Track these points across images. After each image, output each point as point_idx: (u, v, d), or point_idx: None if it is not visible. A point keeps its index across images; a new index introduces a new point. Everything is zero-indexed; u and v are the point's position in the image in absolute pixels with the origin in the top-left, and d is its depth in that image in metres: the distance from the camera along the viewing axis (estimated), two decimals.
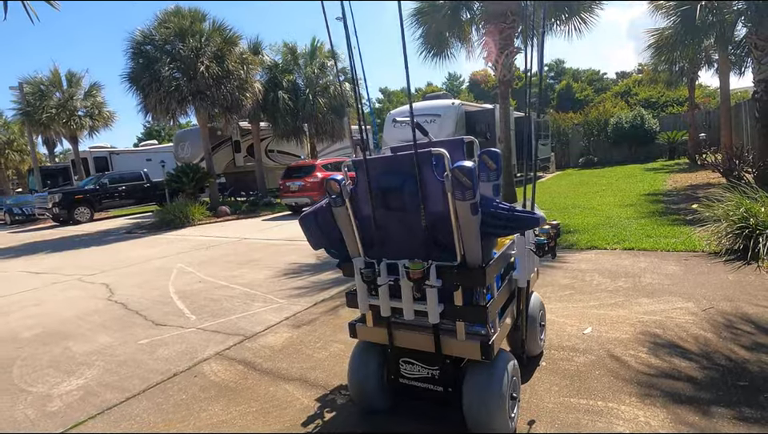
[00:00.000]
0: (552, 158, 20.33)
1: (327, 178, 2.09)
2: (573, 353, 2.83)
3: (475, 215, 1.79)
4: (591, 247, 5.58)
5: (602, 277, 4.35)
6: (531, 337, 2.64)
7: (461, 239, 1.86)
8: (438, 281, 1.91)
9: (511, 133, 14.56)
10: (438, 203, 1.86)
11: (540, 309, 2.78)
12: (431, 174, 1.85)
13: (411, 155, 1.84)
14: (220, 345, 3.53)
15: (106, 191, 16.94)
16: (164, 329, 4.05)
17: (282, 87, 16.10)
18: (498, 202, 1.88)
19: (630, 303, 3.59)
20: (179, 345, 3.62)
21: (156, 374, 3.12)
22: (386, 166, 1.95)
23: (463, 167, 1.73)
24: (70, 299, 5.44)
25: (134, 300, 5.11)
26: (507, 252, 2.23)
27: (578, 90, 34.54)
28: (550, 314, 3.50)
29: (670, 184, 11.17)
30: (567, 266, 4.86)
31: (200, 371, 3.11)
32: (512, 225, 1.86)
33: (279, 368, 3.03)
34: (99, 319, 4.50)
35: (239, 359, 3.24)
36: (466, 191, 1.74)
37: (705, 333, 2.94)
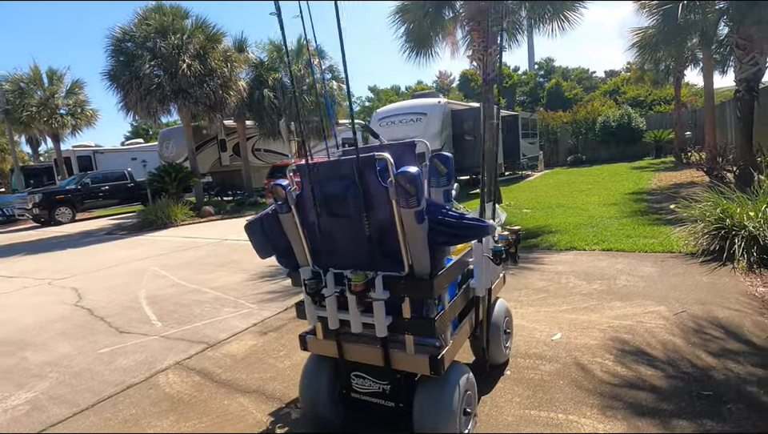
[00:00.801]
0: (540, 157, 20.35)
1: (272, 183, 1.98)
2: (539, 361, 2.75)
3: (420, 223, 1.69)
4: (571, 247, 5.52)
5: (577, 279, 4.29)
6: (494, 346, 2.56)
7: (407, 248, 1.77)
8: (384, 293, 1.81)
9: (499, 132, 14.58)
10: (383, 211, 1.76)
11: (505, 316, 2.69)
12: (375, 179, 1.75)
13: (354, 160, 1.74)
14: (181, 354, 3.41)
15: (89, 191, 16.63)
16: (127, 337, 3.91)
17: (268, 85, 15.91)
18: (447, 210, 1.79)
19: (602, 307, 3.52)
20: (139, 354, 3.49)
21: (110, 386, 2.99)
22: (330, 172, 1.85)
23: (406, 173, 1.63)
24: (36, 305, 5.27)
25: (102, 306, 4.95)
26: (463, 259, 2.13)
27: (567, 89, 34.61)
28: (521, 319, 3.43)
29: (655, 183, 11.20)
30: (545, 268, 4.80)
31: (156, 382, 2.99)
32: (461, 233, 1.77)
33: (237, 379, 2.91)
34: (62, 327, 4.34)
35: (198, 370, 3.12)
36: (410, 199, 1.65)
37: (674, 339, 2.88)
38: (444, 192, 1.87)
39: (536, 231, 6.54)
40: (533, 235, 6.36)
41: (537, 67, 42.12)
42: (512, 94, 35.60)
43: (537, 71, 40.84)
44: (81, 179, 16.84)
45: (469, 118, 12.89)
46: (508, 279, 4.45)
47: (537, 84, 37.69)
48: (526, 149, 17.64)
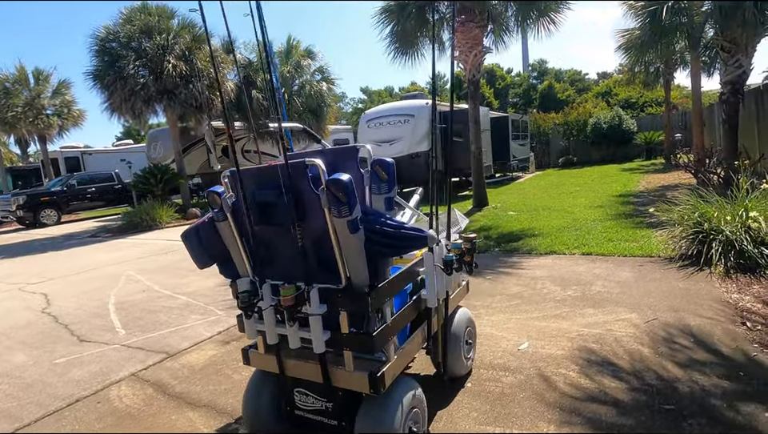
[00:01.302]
0: (532, 159, 20.33)
1: (209, 190, 1.87)
2: (502, 373, 2.66)
3: (354, 233, 1.59)
4: (551, 251, 5.44)
5: (553, 285, 4.20)
6: (454, 358, 2.46)
7: (343, 260, 1.66)
8: (321, 306, 1.71)
9: (486, 133, 14.52)
10: (317, 219, 1.66)
11: (467, 326, 2.60)
12: (308, 187, 1.65)
13: (285, 166, 1.63)
14: (138, 364, 3.29)
15: (75, 193, 16.41)
16: (87, 346, 3.78)
17: (257, 87, 15.77)
18: (385, 219, 1.69)
19: (574, 315, 3.44)
20: (96, 365, 3.36)
21: (58, 400, 2.86)
22: (261, 178, 1.74)
23: (337, 181, 1.53)
24: (1, 311, 5.11)
25: (68, 312, 4.81)
26: (412, 269, 2.03)
27: (559, 91, 34.68)
28: (490, 327, 3.33)
29: (643, 185, 11.17)
30: (522, 273, 4.71)
31: (106, 396, 2.86)
32: (399, 244, 1.67)
33: (190, 392, 2.80)
34: (23, 335, 4.20)
35: (153, 381, 3.00)
36: (341, 207, 1.55)
37: (642, 348, 2.79)
38: (385, 200, 1.77)
39: (518, 234, 6.46)
40: (515, 238, 6.28)
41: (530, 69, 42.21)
42: (505, 95, 35.65)
43: (530, 73, 40.91)
44: (67, 181, 16.62)
45: (458, 119, 12.80)
46: (483, 285, 4.38)
47: (530, 86, 37.74)
48: (517, 150, 17.60)
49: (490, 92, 32.89)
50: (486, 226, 7.41)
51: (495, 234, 6.70)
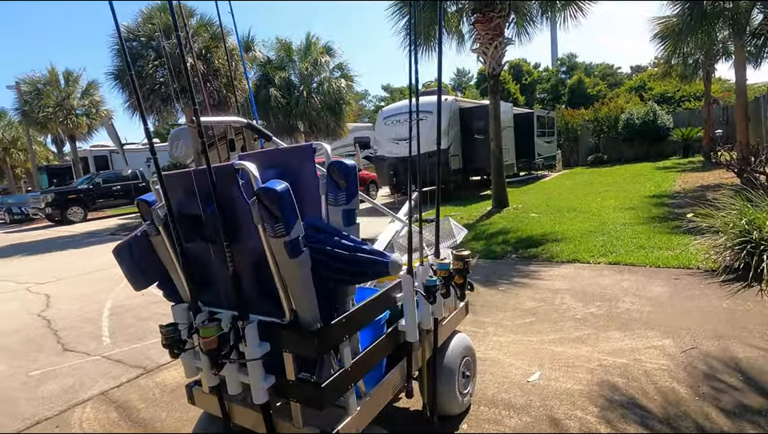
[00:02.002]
0: (558, 157, 19.44)
1: (138, 198, 1.56)
2: (506, 412, 2.25)
3: (295, 258, 1.23)
4: (573, 259, 4.94)
5: (574, 300, 3.73)
6: (446, 394, 2.08)
7: (286, 289, 1.31)
8: (262, 346, 1.37)
9: (510, 130, 13.90)
10: (253, 238, 1.31)
11: (463, 356, 2.20)
12: (240, 197, 1.30)
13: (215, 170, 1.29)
14: (111, 381, 3.05)
15: (101, 191, 16.79)
16: (68, 356, 3.58)
17: (275, 84, 15.66)
18: (339, 238, 1.32)
19: (596, 338, 2.98)
20: (69, 379, 3.14)
21: (18, 421, 2.64)
22: (187, 186, 1.41)
23: (269, 190, 1.18)
24: (2, 313, 5.04)
25: (63, 316, 4.68)
26: (387, 295, 1.66)
27: (589, 86, 33.23)
28: (497, 350, 2.92)
29: (679, 185, 10.35)
30: (540, 284, 4.25)
31: (68, 419, 2.62)
32: (353, 270, 1.31)
33: (155, 419, 2.52)
34: (11, 341, 4.07)
35: (120, 403, 2.74)
36: (276, 225, 1.19)
37: (678, 386, 2.32)
38: (343, 212, 1.41)
39: (539, 239, 5.96)
40: (535, 243, 5.79)
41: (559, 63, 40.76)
42: (531, 91, 34.50)
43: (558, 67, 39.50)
44: (93, 179, 17.02)
45: (478, 116, 12.27)
46: (495, 297, 3.95)
47: (558, 81, 36.41)
48: (542, 148, 16.83)
49: (516, 88, 31.88)
50: (505, 229, 6.92)
51: (514, 238, 6.22)
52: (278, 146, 1.83)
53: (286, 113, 15.57)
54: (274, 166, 1.54)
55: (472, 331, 3.26)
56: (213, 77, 13.07)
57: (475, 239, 6.47)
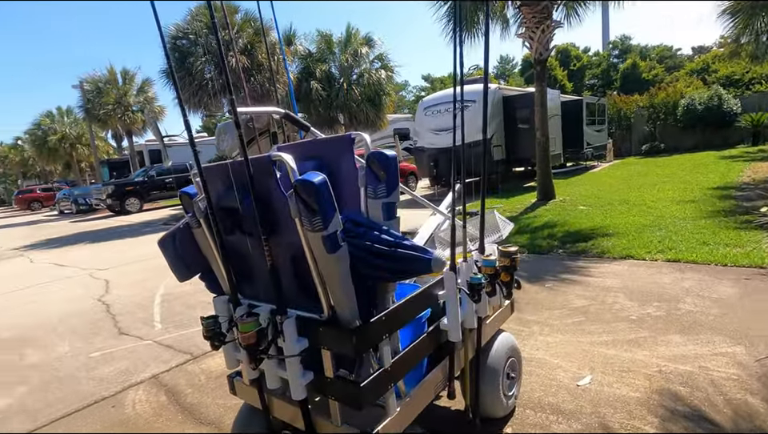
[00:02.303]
0: (609, 146, 18.37)
1: (181, 190, 1.57)
2: (554, 417, 2.12)
3: (333, 253, 1.18)
4: (627, 255, 4.63)
5: (628, 299, 3.49)
6: (490, 395, 1.98)
7: (324, 285, 1.27)
8: (300, 341, 1.34)
9: (556, 119, 13.28)
10: (291, 231, 1.28)
11: (508, 357, 2.10)
12: (277, 190, 1.27)
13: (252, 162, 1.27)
14: (162, 365, 3.18)
15: (154, 183, 17.75)
16: (123, 340, 3.79)
17: (316, 77, 15.81)
18: (380, 233, 1.26)
19: (654, 342, 2.76)
20: (124, 362, 3.32)
21: (78, 399, 2.82)
22: (226, 179, 1.39)
23: (306, 183, 1.13)
24: (66, 297, 5.43)
25: (121, 301, 4.97)
26: (429, 292, 1.58)
27: (645, 69, 31.07)
28: (543, 351, 2.77)
29: (748, 175, 9.47)
30: (589, 281, 4.01)
31: (121, 399, 2.76)
32: (394, 266, 1.24)
33: (200, 404, 2.60)
34: (74, 323, 4.37)
35: (169, 387, 2.86)
36: (314, 219, 1.15)
37: (752, 399, 2.09)
38: (383, 205, 1.34)
39: (588, 233, 5.64)
40: (584, 237, 5.49)
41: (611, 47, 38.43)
42: (580, 77, 32.78)
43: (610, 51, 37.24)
44: (147, 172, 18.03)
45: (523, 104, 11.79)
46: (540, 294, 3.77)
47: (610, 65, 34.36)
48: (592, 137, 15.97)
49: (564, 74, 30.40)
50: (551, 222, 6.62)
51: (560, 232, 5.93)
52: (315, 137, 1.79)
53: (326, 105, 15.71)
54: (312, 158, 1.50)
55: (516, 330, 3.12)
56: (256, 71, 13.37)
57: (519, 232, 6.23)
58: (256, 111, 2.43)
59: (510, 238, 5.90)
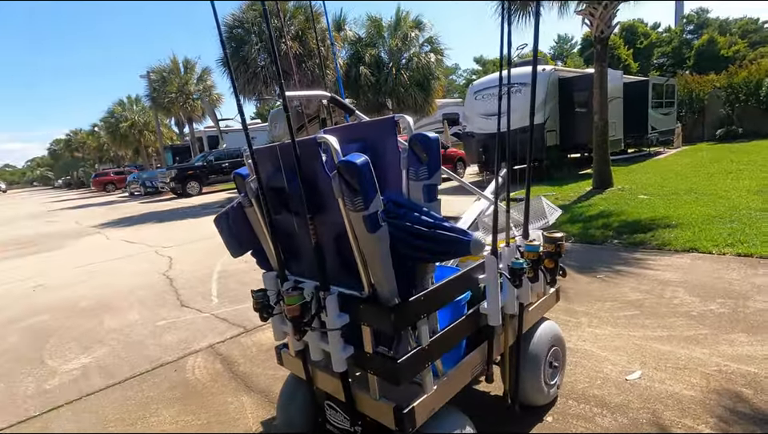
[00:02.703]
0: (678, 131, 16.96)
1: (234, 172, 1.68)
2: (598, 410, 2.06)
3: (374, 232, 1.22)
4: (691, 248, 4.32)
5: (689, 294, 3.27)
6: (530, 383, 1.97)
7: (365, 263, 1.31)
8: (342, 317, 1.40)
9: (618, 102, 12.45)
10: (336, 211, 1.33)
11: (551, 345, 2.06)
12: (323, 171, 1.32)
13: (299, 144, 1.32)
14: (218, 336, 3.43)
15: (213, 167, 18.75)
16: (184, 311, 4.11)
17: (365, 62, 15.83)
18: (420, 214, 1.28)
19: (716, 340, 2.58)
20: (185, 331, 3.61)
21: (146, 362, 3.11)
22: (275, 160, 1.46)
23: (348, 164, 1.17)
24: (136, 271, 5.95)
25: (183, 277, 5.37)
26: (469, 275, 1.59)
27: (724, 46, 28.13)
28: (591, 343, 2.68)
29: None
30: (647, 274, 3.80)
31: (183, 364, 3.02)
32: (434, 248, 1.25)
33: (251, 374, 2.78)
34: (143, 295, 4.78)
35: (224, 356, 3.08)
36: (355, 198, 1.19)
37: None
38: (424, 187, 1.34)
39: (648, 224, 5.31)
40: (643, 228, 5.17)
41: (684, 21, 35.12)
42: (647, 56, 30.32)
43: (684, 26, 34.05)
44: (206, 157, 19.08)
45: (580, 86, 11.15)
46: (592, 285, 3.63)
47: (682, 42, 31.46)
48: (658, 121, 14.81)
49: (628, 53, 28.26)
50: (606, 211, 6.28)
51: (616, 222, 5.62)
52: (360, 120, 1.83)
53: (375, 90, 15.73)
54: (356, 140, 1.53)
55: (563, 320, 3.04)
56: (307, 57, 13.62)
57: (571, 221, 5.98)
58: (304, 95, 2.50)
59: (559, 226, 5.69)
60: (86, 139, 45.43)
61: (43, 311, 4.60)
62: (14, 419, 2.55)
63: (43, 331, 3.99)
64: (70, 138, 51.41)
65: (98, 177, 33.03)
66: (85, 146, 47.04)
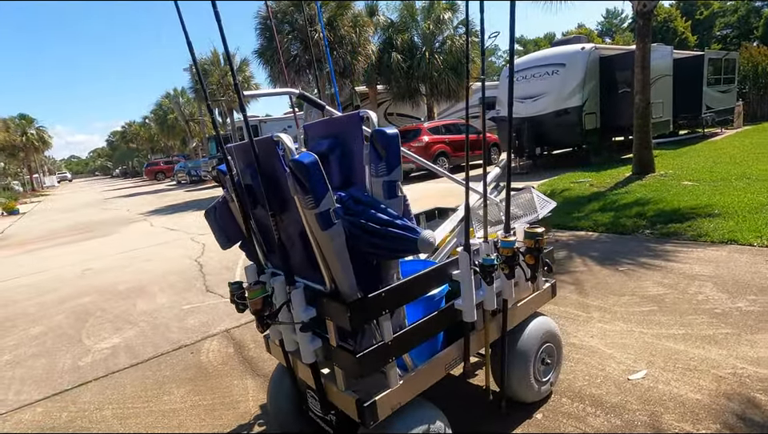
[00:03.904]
0: (738, 110, 15.56)
1: (217, 168, 1.74)
2: (591, 409, 1.99)
3: (326, 230, 1.24)
4: (729, 240, 4.01)
5: (716, 290, 3.05)
6: (519, 380, 1.93)
7: (325, 260, 1.33)
8: (308, 310, 1.43)
9: (666, 80, 11.59)
10: (295, 209, 1.35)
11: (543, 342, 2.00)
12: (281, 168, 1.34)
13: (258, 143, 1.35)
14: (234, 322, 3.60)
15: None
16: (208, 296, 4.34)
17: (397, 48, 15.65)
18: (375, 212, 1.27)
19: (736, 340, 2.40)
20: (206, 316, 3.81)
21: (168, 344, 3.33)
22: (246, 157, 1.50)
23: (298, 163, 1.18)
24: (172, 257, 6.31)
25: (212, 263, 5.64)
26: (442, 270, 1.57)
27: None
28: (598, 339, 2.58)
29: None
30: (673, 267, 3.57)
31: (199, 347, 3.20)
32: (384, 244, 1.25)
33: (259, 359, 2.91)
34: (174, 280, 5.08)
35: (237, 340, 3.24)
36: (306, 197, 1.20)
37: None
38: (384, 184, 1.33)
39: (687, 213, 4.96)
40: (680, 217, 4.84)
41: None
42: (708, 27, 27.83)
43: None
44: None
45: (624, 65, 10.43)
46: (611, 278, 3.48)
47: (750, 11, 28.57)
48: (713, 100, 13.64)
49: (686, 26, 26.08)
50: (643, 199, 5.92)
51: (652, 210, 5.29)
52: (332, 116, 1.83)
53: (407, 76, 15.54)
54: (328, 136, 1.54)
55: (573, 314, 2.93)
56: (338, 45, 13.63)
57: (602, 210, 5.70)
58: (268, 93, 2.52)
59: (590, 214, 5.44)
60: (139, 131, 48.20)
61: (88, 292, 5.00)
62: (50, 392, 2.82)
63: (85, 311, 4.35)
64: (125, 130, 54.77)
65: (150, 166, 35.06)
66: (138, 137, 49.96)
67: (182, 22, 1.36)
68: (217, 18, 1.28)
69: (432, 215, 2.64)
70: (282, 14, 13.81)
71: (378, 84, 16.82)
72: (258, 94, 2.20)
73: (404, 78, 15.49)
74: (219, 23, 1.30)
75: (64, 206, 20.04)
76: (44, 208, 20.02)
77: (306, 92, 2.18)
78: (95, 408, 2.56)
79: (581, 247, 4.42)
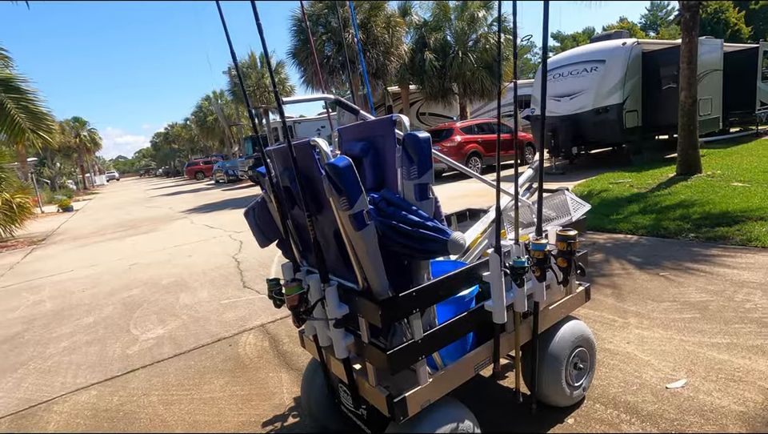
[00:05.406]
0: None
1: (257, 169, 1.83)
2: (626, 416, 1.95)
3: (359, 231, 1.29)
4: None
5: (766, 298, 2.89)
6: (549, 384, 1.92)
7: (358, 259, 1.39)
8: (342, 307, 1.50)
9: (716, 75, 10.97)
10: (330, 210, 1.41)
11: (575, 346, 1.98)
12: (318, 171, 1.40)
13: (296, 146, 1.42)
14: (270, 317, 3.73)
15: None
16: (245, 292, 4.51)
17: (430, 47, 15.60)
18: (407, 212, 1.31)
19: None
20: (243, 310, 3.97)
21: (208, 336, 3.50)
22: (284, 160, 1.57)
23: (333, 166, 1.24)
24: (211, 253, 6.59)
25: (249, 259, 5.86)
26: (472, 271, 1.59)
27: None
28: (635, 346, 2.51)
29: None
30: (719, 272, 3.41)
31: (237, 340, 3.35)
32: (416, 246, 1.28)
33: (294, 353, 3.01)
34: (214, 275, 5.31)
35: (273, 335, 3.36)
36: (341, 198, 1.26)
37: None
38: (415, 187, 1.36)
39: (735, 216, 4.71)
40: (728, 221, 4.60)
41: None
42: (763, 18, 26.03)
43: None
44: None
45: (668, 60, 9.96)
46: (651, 283, 3.36)
47: None
48: (762, 93, 12.76)
49: (739, 16, 24.51)
50: (688, 201, 5.66)
51: (698, 213, 5.05)
52: (365, 120, 1.88)
53: (440, 75, 15.47)
54: (362, 139, 1.59)
55: (609, 320, 2.86)
56: (371, 46, 13.74)
57: (642, 212, 5.49)
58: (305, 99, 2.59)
59: (629, 217, 5.25)
60: (180, 132, 50.33)
61: (135, 286, 5.32)
62: (101, 378, 3.04)
63: (132, 303, 4.62)
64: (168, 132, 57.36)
65: (190, 166, 36.55)
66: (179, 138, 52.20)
67: (225, 30, 1.44)
68: (258, 28, 1.36)
69: (463, 216, 2.65)
70: (317, 16, 14.06)
71: (410, 84, 16.83)
72: (296, 100, 2.29)
73: (437, 77, 15.43)
74: (261, 33, 1.38)
75: (112, 203, 21.25)
76: (94, 206, 21.30)
77: (339, 96, 2.24)
78: (142, 394, 2.74)
79: (619, 249, 4.28)
